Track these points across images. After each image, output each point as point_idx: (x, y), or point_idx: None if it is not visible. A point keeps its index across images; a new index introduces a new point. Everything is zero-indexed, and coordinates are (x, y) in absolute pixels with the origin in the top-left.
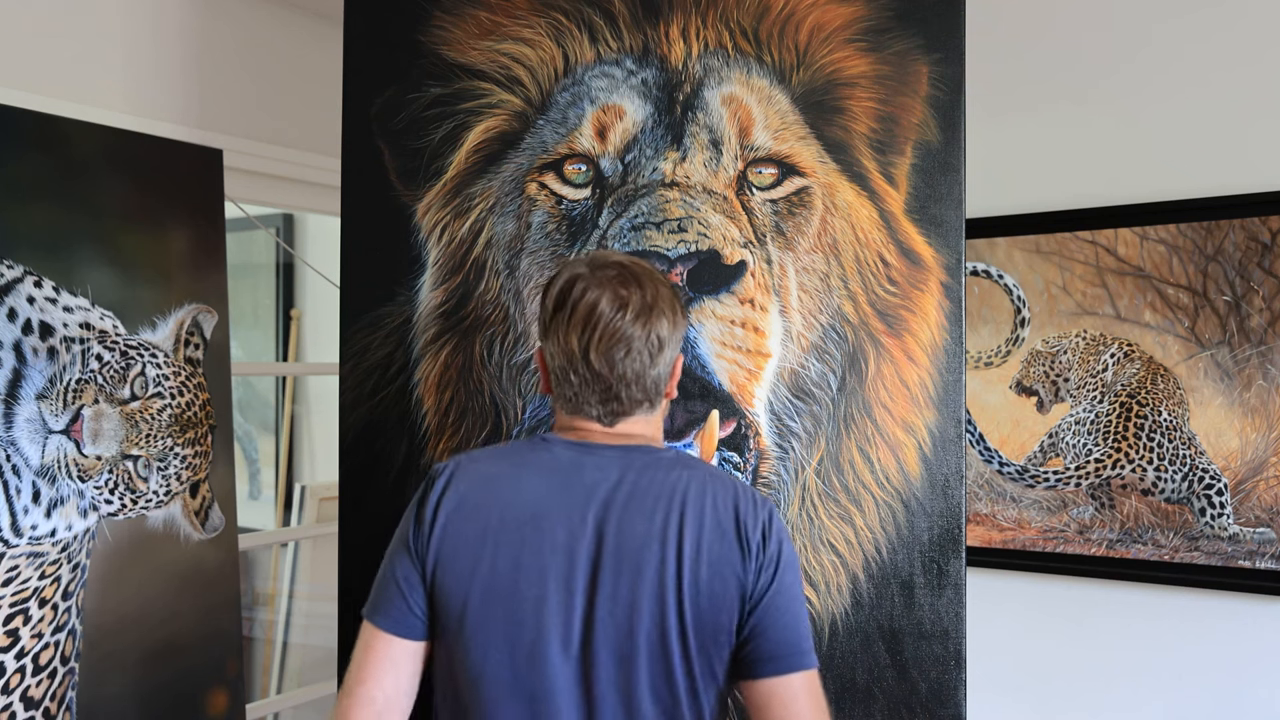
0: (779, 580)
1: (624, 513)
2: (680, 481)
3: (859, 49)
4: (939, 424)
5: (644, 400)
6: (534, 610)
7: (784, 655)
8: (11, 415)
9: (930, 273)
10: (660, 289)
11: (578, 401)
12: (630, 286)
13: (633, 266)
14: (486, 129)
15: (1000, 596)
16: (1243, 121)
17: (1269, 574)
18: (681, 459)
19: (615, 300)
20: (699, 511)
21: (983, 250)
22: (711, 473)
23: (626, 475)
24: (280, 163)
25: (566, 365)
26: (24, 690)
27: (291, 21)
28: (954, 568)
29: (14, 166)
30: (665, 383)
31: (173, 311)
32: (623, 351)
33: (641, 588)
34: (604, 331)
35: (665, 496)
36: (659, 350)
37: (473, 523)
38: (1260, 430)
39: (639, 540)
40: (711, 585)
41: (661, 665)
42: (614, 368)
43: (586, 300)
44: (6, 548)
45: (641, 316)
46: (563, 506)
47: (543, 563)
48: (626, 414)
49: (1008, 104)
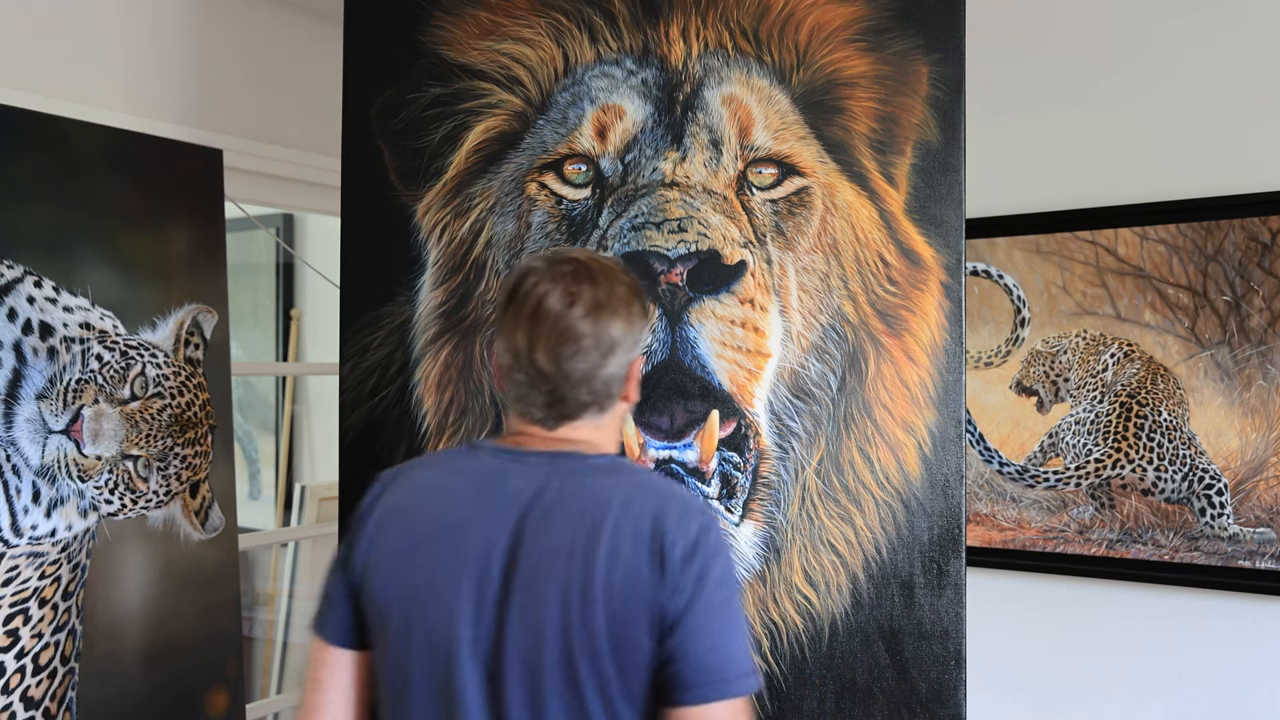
0: (702, 600)
1: (542, 523)
2: (605, 490)
3: (859, 49)
4: (939, 424)
5: (592, 403)
6: (448, 621)
7: (703, 683)
8: (11, 415)
9: (930, 273)
10: (616, 287)
11: (524, 403)
12: (582, 283)
13: (590, 263)
14: (486, 129)
15: (1000, 596)
16: (1243, 121)
17: (1269, 574)
18: (615, 466)
19: (565, 296)
20: (618, 522)
21: (983, 250)
22: (645, 481)
23: (550, 483)
24: (280, 163)
25: (513, 363)
26: (24, 690)
27: (291, 21)
28: (954, 568)
29: (14, 166)
30: (618, 385)
31: (173, 311)
32: (570, 350)
33: (549, 602)
34: (551, 328)
35: (587, 506)
36: (610, 351)
37: (399, 532)
38: (1260, 430)
39: (552, 552)
40: (625, 602)
41: (571, 684)
42: (560, 367)
43: (535, 295)
44: (6, 548)
45: (592, 314)
46: (483, 516)
47: (459, 573)
48: (572, 417)
49: (1008, 104)
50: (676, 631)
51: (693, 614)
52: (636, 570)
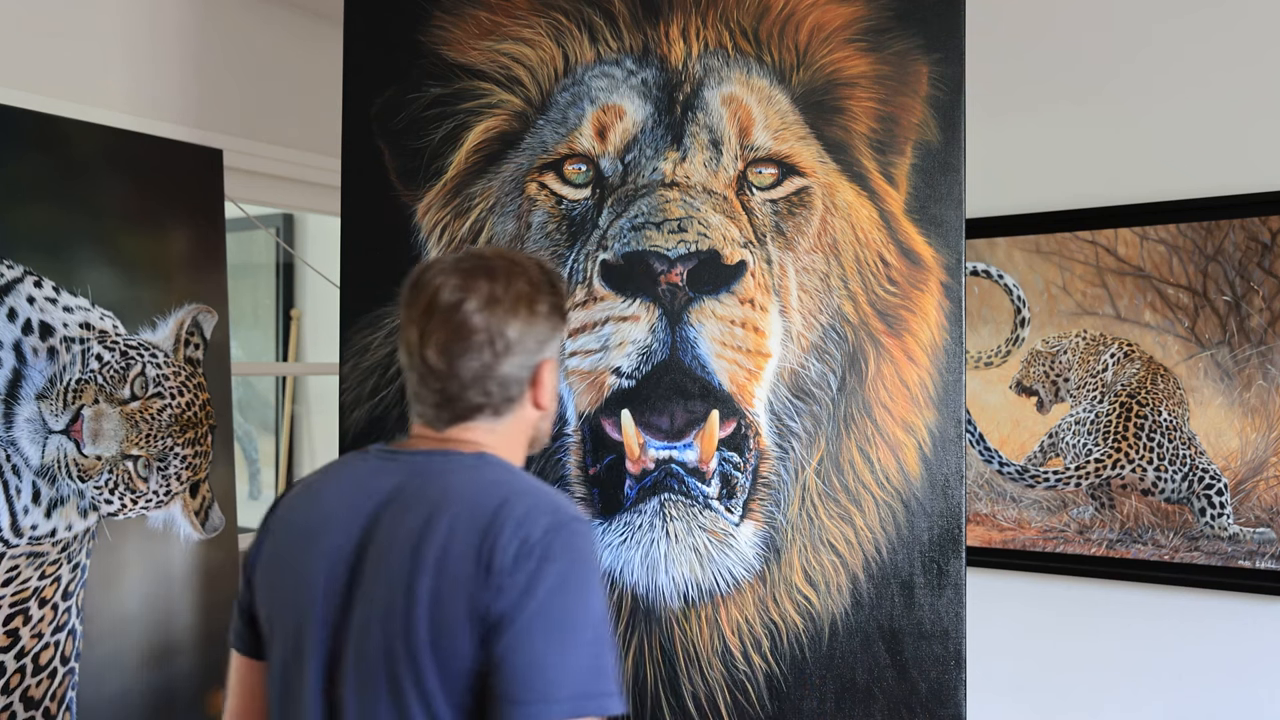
0: (531, 607)
1: (389, 521)
2: (456, 486)
3: (859, 49)
4: (939, 424)
5: (485, 405)
6: (300, 622)
7: (522, 700)
8: (11, 415)
9: (930, 273)
10: (517, 283)
11: (417, 402)
12: (479, 277)
13: (497, 258)
14: (486, 129)
15: (1000, 596)
16: (1243, 121)
17: (1269, 574)
18: (481, 464)
19: (458, 289)
20: (455, 518)
21: (983, 250)
22: (503, 479)
23: (408, 482)
24: (280, 163)
25: (408, 361)
26: (24, 690)
27: (291, 21)
28: (954, 568)
29: (14, 166)
30: (518, 389)
31: (173, 311)
32: (461, 346)
33: (378, 600)
34: (442, 323)
35: (429, 503)
36: (507, 350)
37: (276, 539)
38: (1260, 430)
39: (389, 549)
40: (447, 602)
41: (393, 687)
42: (451, 364)
43: (430, 288)
44: (6, 548)
45: (486, 310)
46: (341, 516)
47: (314, 573)
48: (462, 419)
49: (1008, 104)
50: (498, 639)
51: (518, 621)
52: (462, 569)
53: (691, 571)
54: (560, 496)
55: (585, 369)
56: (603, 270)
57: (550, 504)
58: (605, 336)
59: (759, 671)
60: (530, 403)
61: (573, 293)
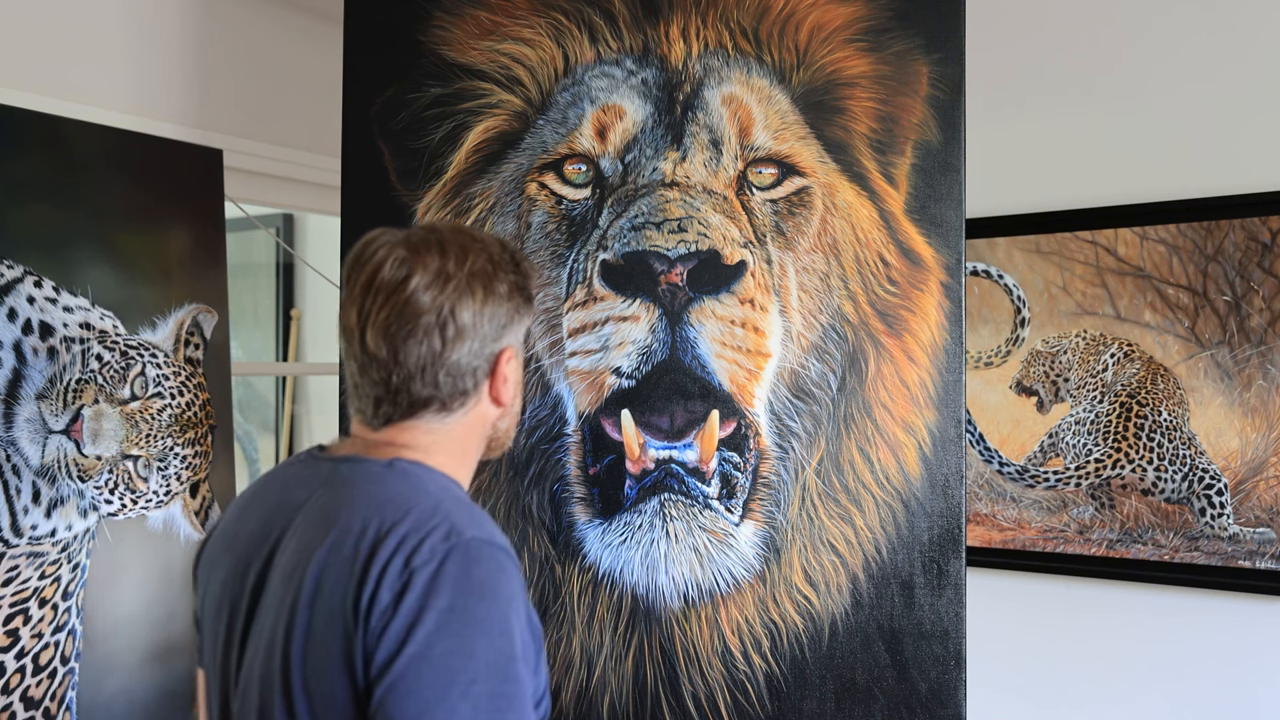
0: (412, 652)
1: (288, 546)
2: (344, 502)
3: (859, 49)
4: (939, 424)
5: (432, 399)
6: (214, 643)
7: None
8: (11, 415)
9: (930, 273)
10: (473, 259)
11: (356, 396)
12: (429, 252)
13: (450, 231)
14: (486, 129)
15: (1000, 596)
16: (1243, 121)
17: (1269, 574)
18: (386, 474)
19: (404, 264)
20: (334, 542)
21: (983, 250)
22: (395, 491)
23: (315, 496)
24: (280, 163)
25: (346, 346)
26: (24, 690)
27: (291, 21)
28: (954, 568)
29: (14, 166)
30: (471, 381)
31: (173, 311)
32: (405, 329)
33: (262, 637)
34: (384, 301)
35: (321, 523)
36: (459, 335)
37: (213, 553)
38: (1260, 430)
39: (282, 576)
40: (326, 646)
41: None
42: (395, 350)
43: (372, 262)
44: (6, 548)
45: (434, 287)
46: (256, 531)
47: (226, 592)
48: (404, 416)
49: (1008, 104)
50: (381, 684)
51: (396, 668)
52: (337, 603)
53: (691, 571)
54: (469, 512)
55: (585, 369)
56: (603, 270)
57: (449, 521)
58: (605, 336)
59: (759, 671)
60: (487, 398)
61: (573, 293)
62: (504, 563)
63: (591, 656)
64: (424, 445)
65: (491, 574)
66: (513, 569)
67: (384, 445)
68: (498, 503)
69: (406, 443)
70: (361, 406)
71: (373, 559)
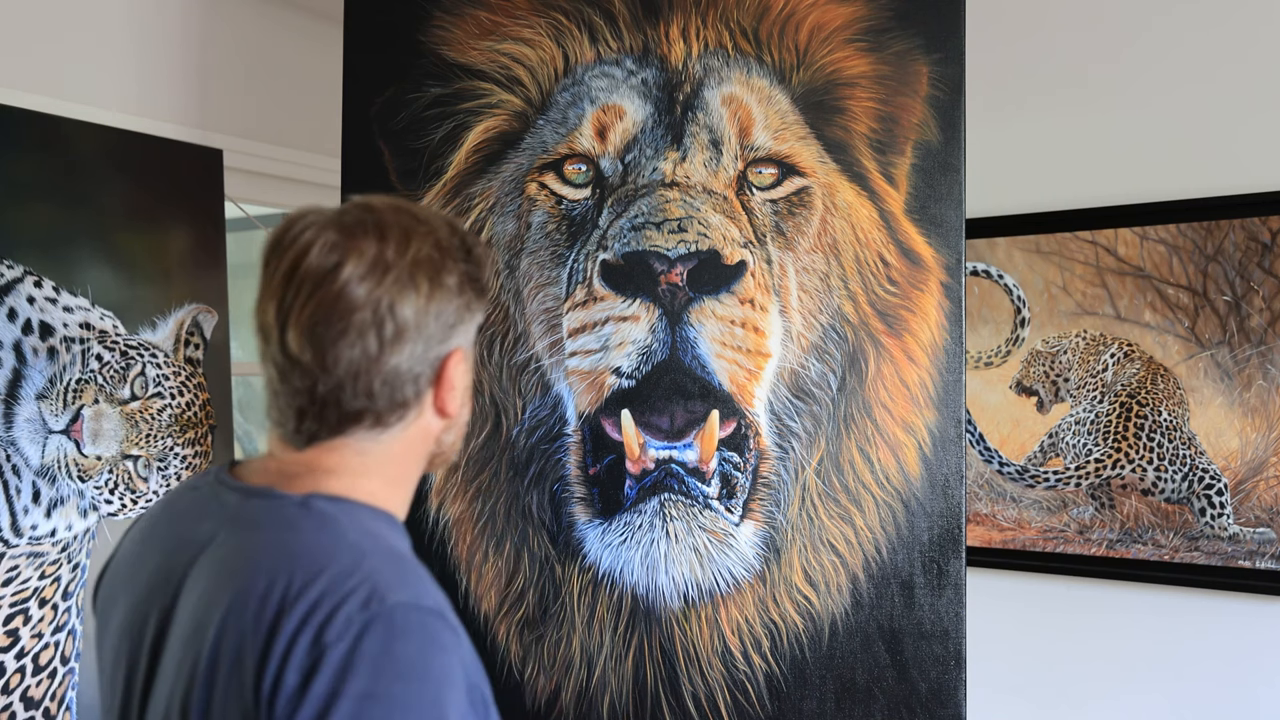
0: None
1: (189, 594)
2: (247, 553)
3: (859, 49)
4: (939, 424)
5: (365, 413)
6: (111, 704)
7: None
8: (11, 415)
9: (930, 273)
10: (417, 245)
11: (274, 408)
12: (367, 235)
13: (391, 211)
14: (486, 129)
15: (1000, 596)
16: (1243, 121)
17: (1269, 574)
18: (300, 516)
19: (334, 249)
20: (230, 606)
21: (983, 250)
22: (309, 541)
23: (218, 537)
24: (280, 163)
25: (262, 347)
26: (24, 690)
27: (291, 21)
28: (954, 568)
29: (14, 166)
30: (414, 390)
31: (173, 311)
32: (334, 329)
33: (159, 706)
34: (308, 294)
35: (222, 576)
36: (399, 336)
37: (110, 588)
38: (1260, 430)
39: (180, 639)
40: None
41: None
42: (321, 354)
43: (296, 247)
44: (6, 548)
45: (371, 278)
46: (156, 578)
47: (122, 644)
48: (332, 434)
49: (1008, 103)
50: None
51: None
52: (238, 684)
53: (691, 571)
54: (396, 567)
55: (585, 369)
56: (603, 270)
57: (369, 582)
58: (605, 336)
59: (759, 671)
60: (431, 409)
61: (573, 293)
62: (437, 632)
63: (591, 656)
64: (353, 469)
65: (420, 649)
66: (449, 638)
67: (303, 472)
68: (498, 503)
69: (331, 467)
70: (281, 420)
71: (277, 631)
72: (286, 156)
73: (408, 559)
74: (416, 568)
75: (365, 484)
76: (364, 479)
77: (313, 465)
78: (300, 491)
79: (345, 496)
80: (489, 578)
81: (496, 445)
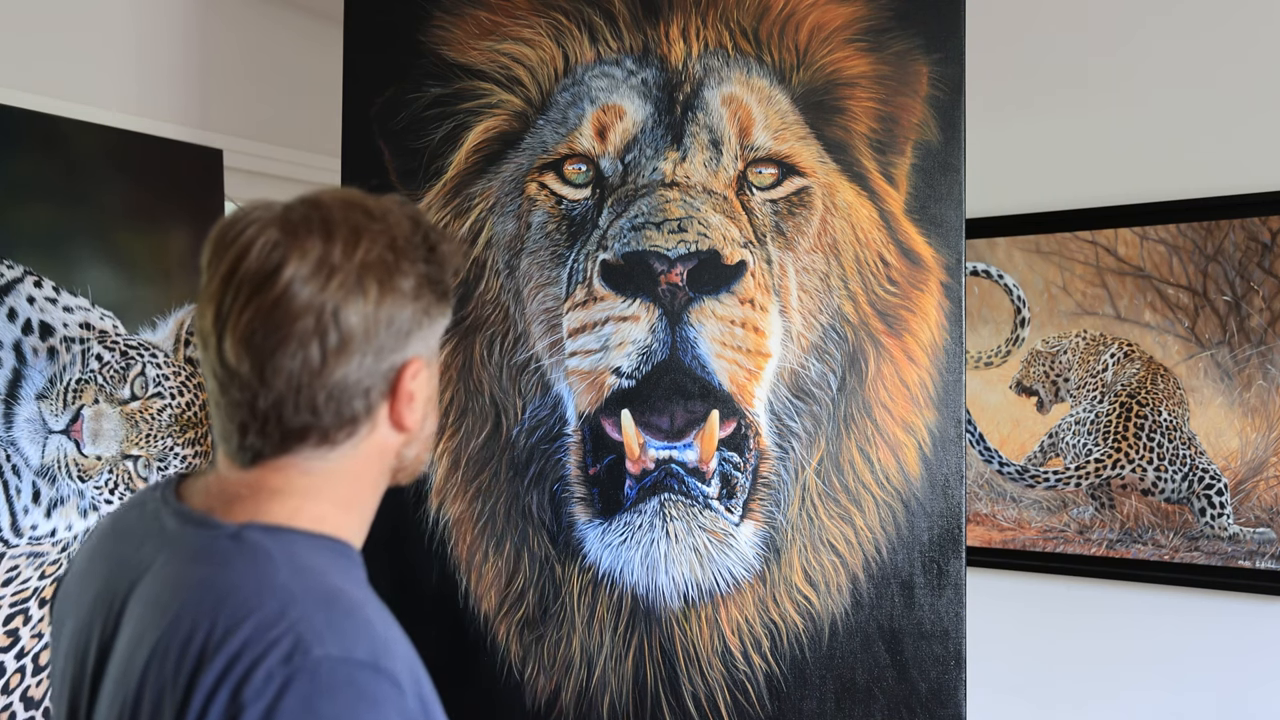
0: None
1: (127, 626)
2: (180, 589)
3: (859, 49)
4: (939, 424)
5: (310, 429)
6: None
7: None
8: (11, 415)
9: (930, 273)
10: (368, 245)
11: (217, 421)
12: (312, 234)
13: (341, 206)
14: (486, 129)
15: (1000, 596)
16: (1243, 121)
17: (1269, 574)
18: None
19: (274, 248)
20: (152, 654)
21: (983, 250)
22: (234, 582)
23: (155, 563)
24: (280, 163)
25: (202, 356)
26: (24, 690)
27: (291, 21)
28: (954, 568)
29: (14, 166)
30: (364, 404)
31: (173, 311)
32: (274, 337)
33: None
34: (246, 299)
35: (154, 612)
36: (342, 347)
37: (63, 604)
38: (1260, 430)
39: (115, 676)
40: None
41: None
42: (260, 365)
43: (236, 247)
44: (7, 548)
45: (314, 281)
46: (100, 600)
47: (69, 674)
48: (277, 452)
49: (1008, 103)
50: None
51: None
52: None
53: (691, 571)
54: (327, 613)
55: (585, 369)
56: (603, 270)
57: (294, 632)
58: (605, 336)
59: (759, 671)
60: (386, 423)
61: (573, 293)
62: (366, 688)
63: (591, 656)
64: (299, 491)
65: (346, 709)
66: (384, 691)
67: (246, 495)
68: (498, 503)
69: (276, 488)
70: (225, 435)
71: (195, 685)
72: (286, 156)
73: (345, 600)
74: (355, 611)
75: (312, 508)
76: (311, 502)
77: (256, 486)
78: (238, 520)
79: (285, 525)
80: (489, 578)
81: (496, 445)
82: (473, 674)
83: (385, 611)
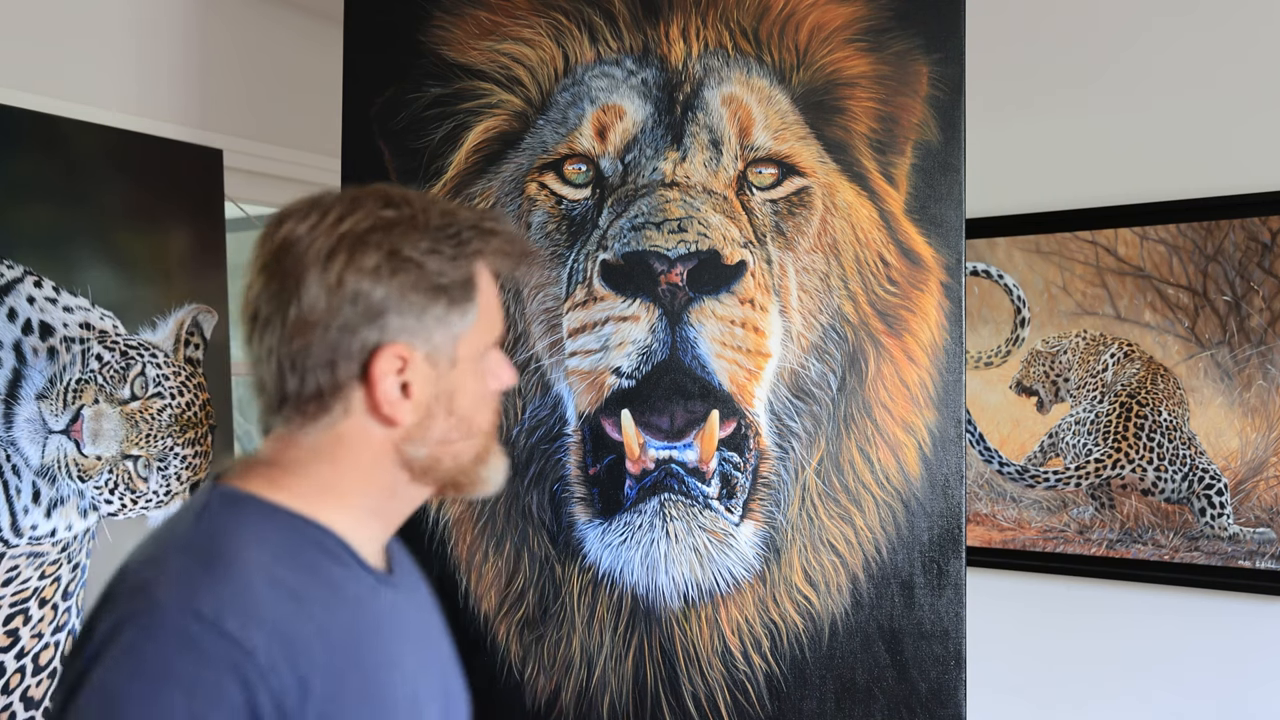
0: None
1: None
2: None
3: (859, 49)
4: (939, 424)
5: (284, 401)
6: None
7: None
8: (11, 415)
9: (930, 273)
10: (362, 220)
11: None
12: (319, 207)
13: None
14: (486, 129)
15: (1000, 596)
16: (1243, 121)
17: (1269, 574)
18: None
19: (280, 219)
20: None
21: (983, 250)
22: (165, 536)
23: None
24: (280, 163)
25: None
26: (24, 690)
27: (291, 21)
28: (954, 568)
29: (14, 166)
30: (328, 380)
31: (173, 311)
32: (255, 304)
33: None
34: (253, 270)
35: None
36: (298, 316)
37: None
38: (1260, 430)
39: None
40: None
41: None
42: (249, 332)
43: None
44: (6, 548)
45: (292, 251)
46: None
47: None
48: (274, 423)
49: (1008, 104)
50: None
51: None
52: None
53: (691, 571)
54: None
55: (585, 369)
56: (603, 270)
57: (151, 577)
58: (605, 336)
59: (759, 671)
60: (366, 409)
61: (573, 293)
62: (198, 640)
63: (591, 656)
64: (281, 463)
65: (172, 654)
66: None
67: (253, 462)
68: (498, 503)
69: (265, 457)
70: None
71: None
72: (286, 156)
73: (224, 560)
74: (229, 570)
75: (288, 481)
76: (291, 477)
77: (259, 454)
78: (234, 482)
79: (252, 493)
80: (489, 578)
81: None
82: (472, 674)
83: (309, 592)
